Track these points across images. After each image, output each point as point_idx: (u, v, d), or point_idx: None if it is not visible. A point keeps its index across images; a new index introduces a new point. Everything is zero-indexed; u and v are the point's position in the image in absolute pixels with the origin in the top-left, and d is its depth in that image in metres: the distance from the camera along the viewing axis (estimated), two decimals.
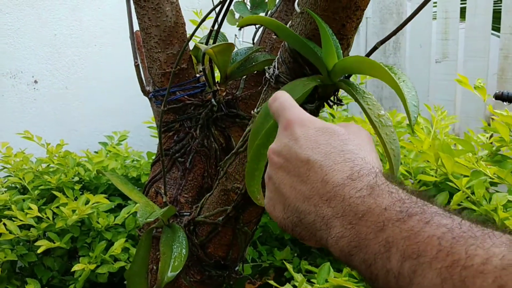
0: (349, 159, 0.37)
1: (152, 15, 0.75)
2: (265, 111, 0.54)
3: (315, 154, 0.38)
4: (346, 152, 0.37)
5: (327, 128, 0.40)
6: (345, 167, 0.36)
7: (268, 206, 0.42)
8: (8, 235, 1.05)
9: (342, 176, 0.35)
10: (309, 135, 0.39)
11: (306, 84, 0.52)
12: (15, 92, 1.57)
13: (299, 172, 0.38)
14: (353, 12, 0.52)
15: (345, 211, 0.34)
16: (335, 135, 0.39)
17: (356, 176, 0.35)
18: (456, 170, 0.77)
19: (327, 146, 0.38)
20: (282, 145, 0.41)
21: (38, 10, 1.58)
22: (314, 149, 0.38)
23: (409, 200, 0.32)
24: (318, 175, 0.37)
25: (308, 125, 0.40)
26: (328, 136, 0.39)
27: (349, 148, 0.38)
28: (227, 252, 0.76)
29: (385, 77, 0.44)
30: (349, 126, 0.42)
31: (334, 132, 0.39)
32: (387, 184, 0.34)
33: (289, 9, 0.79)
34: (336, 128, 0.40)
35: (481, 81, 0.94)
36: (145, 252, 0.74)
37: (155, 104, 0.83)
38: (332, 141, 0.38)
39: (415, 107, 0.45)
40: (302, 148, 0.38)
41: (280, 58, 0.58)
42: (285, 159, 0.40)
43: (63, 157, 1.29)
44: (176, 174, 0.82)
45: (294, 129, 0.40)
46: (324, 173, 0.36)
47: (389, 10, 2.34)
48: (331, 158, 0.37)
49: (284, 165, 0.40)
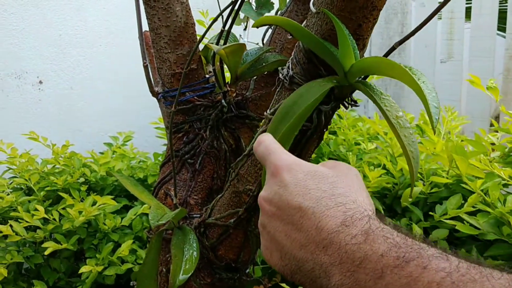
0: (341, 203, 0.37)
1: (162, 15, 0.74)
2: (280, 115, 0.53)
3: (306, 201, 0.38)
4: (337, 196, 0.37)
5: (315, 172, 0.40)
6: (337, 212, 0.36)
7: (265, 254, 0.42)
8: (15, 237, 1.05)
9: (335, 222, 0.36)
10: (298, 181, 0.39)
11: (323, 85, 0.51)
12: (20, 93, 1.56)
13: (293, 220, 0.38)
14: (370, 12, 0.51)
15: (342, 259, 0.34)
16: (324, 179, 0.39)
17: (349, 222, 0.35)
18: (469, 172, 0.76)
19: (317, 191, 0.38)
20: (273, 192, 0.41)
21: (43, 10, 1.57)
22: (305, 195, 0.38)
23: (405, 244, 0.33)
24: (311, 222, 0.37)
25: (296, 169, 0.40)
26: (317, 180, 0.39)
27: (340, 192, 0.38)
28: (238, 255, 0.75)
29: (406, 78, 0.43)
30: (337, 167, 0.42)
31: (322, 175, 0.40)
32: (381, 228, 0.34)
33: (299, 9, 0.78)
34: (324, 171, 0.40)
35: (493, 81, 0.94)
36: (155, 254, 0.74)
37: (164, 105, 0.82)
38: (321, 185, 0.39)
39: (437, 108, 0.44)
40: (292, 195, 0.39)
41: (294, 58, 0.58)
42: (277, 207, 0.40)
43: (69, 158, 1.29)
44: (186, 176, 0.81)
45: (282, 175, 0.40)
46: (318, 220, 0.36)
47: (394, 9, 2.33)
48: (323, 203, 0.37)
49: (277, 213, 0.40)
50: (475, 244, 0.83)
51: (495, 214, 0.75)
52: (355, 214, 0.36)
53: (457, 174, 0.82)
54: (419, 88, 0.41)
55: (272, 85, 0.81)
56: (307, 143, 0.60)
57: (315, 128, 0.58)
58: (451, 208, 0.80)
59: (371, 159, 1.04)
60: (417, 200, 0.92)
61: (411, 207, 0.89)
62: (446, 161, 0.78)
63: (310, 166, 0.41)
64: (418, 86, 0.41)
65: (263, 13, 1.08)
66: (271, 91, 0.81)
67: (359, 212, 0.36)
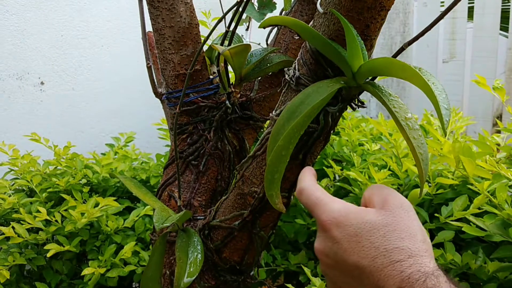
0: (396, 260, 0.37)
1: (166, 16, 0.74)
2: (287, 114, 0.53)
3: (362, 259, 0.39)
4: (391, 252, 0.38)
5: (365, 224, 0.40)
6: (394, 272, 0.37)
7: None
8: (17, 239, 1.04)
9: (393, 282, 0.37)
10: (349, 236, 0.40)
11: (331, 86, 0.50)
12: (22, 94, 1.56)
13: (353, 275, 0.40)
14: (378, 13, 0.51)
15: None
16: (375, 231, 0.39)
17: (406, 284, 0.36)
18: (476, 173, 0.76)
19: (370, 249, 0.39)
20: (327, 248, 0.42)
21: (45, 11, 1.57)
22: (360, 252, 0.39)
23: None
24: (370, 281, 0.38)
25: (344, 223, 0.41)
26: (368, 233, 0.39)
27: (393, 246, 0.38)
28: (242, 257, 0.74)
29: (416, 79, 0.42)
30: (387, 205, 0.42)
31: (373, 227, 0.40)
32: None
33: (304, 10, 0.78)
34: (373, 220, 0.40)
35: (499, 82, 0.93)
36: (159, 257, 0.73)
37: (168, 106, 0.81)
38: (374, 240, 0.39)
39: (447, 110, 0.44)
40: (347, 253, 0.40)
41: (301, 59, 0.57)
42: (334, 261, 0.41)
43: (71, 159, 1.28)
44: (190, 177, 0.81)
45: (332, 231, 0.41)
46: (376, 279, 0.38)
47: (396, 9, 2.33)
48: (378, 262, 0.38)
49: (335, 266, 0.41)
50: (481, 246, 0.83)
51: (502, 215, 0.74)
52: (412, 274, 0.36)
53: (463, 175, 0.81)
54: (430, 90, 0.41)
55: (277, 86, 0.80)
56: (313, 145, 0.59)
57: (321, 129, 0.57)
58: (457, 209, 0.79)
59: (375, 160, 1.03)
60: (422, 201, 0.92)
61: (416, 208, 0.89)
62: (453, 162, 0.77)
63: (358, 218, 0.41)
64: (429, 88, 0.40)
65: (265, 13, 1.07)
66: (275, 92, 0.81)
67: (415, 272, 0.37)
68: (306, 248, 1.07)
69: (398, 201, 0.42)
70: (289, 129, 0.51)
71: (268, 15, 1.04)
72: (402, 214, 0.41)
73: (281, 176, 0.54)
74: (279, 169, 0.54)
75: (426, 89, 0.41)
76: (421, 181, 0.47)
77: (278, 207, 0.57)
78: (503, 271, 0.76)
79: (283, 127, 0.53)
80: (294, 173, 0.63)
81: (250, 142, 0.84)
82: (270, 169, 0.54)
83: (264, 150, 0.63)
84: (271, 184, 0.55)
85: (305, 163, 0.62)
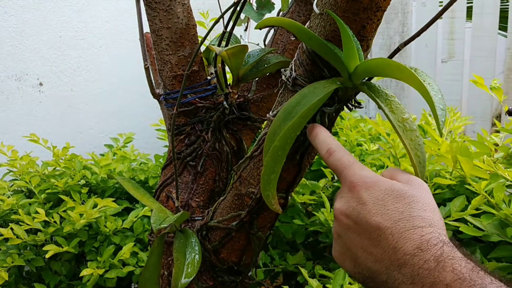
0: (418, 226, 0.40)
1: (164, 17, 0.74)
2: (283, 114, 0.53)
3: (385, 221, 0.40)
4: (414, 218, 0.40)
5: (392, 190, 0.42)
6: (414, 235, 0.39)
7: (337, 258, 0.46)
8: (15, 240, 1.04)
9: (412, 245, 0.39)
10: (376, 200, 0.42)
11: (327, 86, 0.50)
12: (20, 95, 1.56)
13: (370, 236, 0.41)
14: (374, 13, 0.51)
15: (414, 280, 0.38)
16: (402, 198, 0.41)
17: (425, 247, 0.38)
18: (473, 173, 0.76)
19: (395, 212, 0.41)
20: (350, 208, 0.43)
21: (43, 12, 1.57)
22: (383, 215, 0.41)
23: (469, 277, 0.36)
24: (389, 242, 0.40)
25: (374, 187, 0.43)
26: (395, 200, 0.41)
27: (417, 214, 0.40)
28: (240, 258, 0.74)
29: (412, 80, 0.42)
30: (411, 181, 0.44)
31: (399, 194, 0.42)
32: (451, 257, 0.37)
33: (302, 10, 0.78)
34: (401, 188, 0.42)
35: (496, 82, 0.93)
36: (157, 258, 0.73)
37: (166, 107, 0.81)
38: (399, 205, 0.41)
39: (443, 110, 0.44)
40: (371, 214, 0.41)
41: (297, 60, 0.57)
42: (355, 222, 0.43)
43: (70, 160, 1.28)
44: (187, 178, 0.81)
45: (360, 192, 0.43)
46: (395, 240, 0.39)
47: (394, 9, 2.33)
48: (401, 225, 0.40)
49: (354, 227, 0.43)
50: (479, 246, 0.83)
51: (499, 215, 0.74)
52: (431, 239, 0.39)
53: (461, 175, 0.81)
54: (426, 91, 0.41)
55: (274, 86, 0.80)
56: (310, 145, 0.59)
57: None
58: (455, 210, 0.80)
59: (373, 160, 1.03)
60: None
61: None
62: (450, 162, 0.77)
63: (387, 184, 0.43)
64: (425, 89, 0.40)
65: (263, 14, 1.07)
66: (273, 92, 0.81)
67: (435, 238, 0.39)
68: (304, 249, 1.07)
69: (420, 181, 0.45)
70: (285, 129, 0.51)
71: (266, 15, 1.04)
72: (425, 191, 0.43)
73: (277, 177, 0.54)
74: (275, 169, 0.54)
75: (422, 90, 0.41)
76: None
77: (274, 207, 0.57)
78: (501, 271, 0.76)
79: (279, 128, 0.53)
80: (291, 173, 0.63)
81: (248, 143, 0.84)
82: (266, 170, 0.54)
83: (261, 151, 0.63)
84: (267, 185, 0.55)
85: (302, 164, 0.63)
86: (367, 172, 0.45)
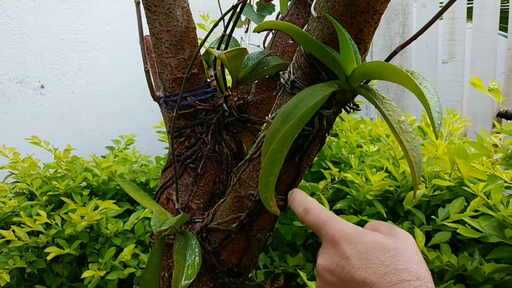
0: (405, 279, 0.38)
1: (163, 20, 0.74)
2: (281, 117, 0.53)
3: (371, 275, 0.39)
4: (401, 271, 0.39)
5: (376, 243, 0.41)
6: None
7: None
8: (17, 242, 1.05)
9: None
10: (360, 253, 0.41)
11: (325, 89, 0.51)
12: (22, 97, 1.57)
13: None
14: (371, 16, 0.51)
15: None
16: (386, 251, 0.40)
17: None
18: (471, 174, 0.76)
19: (381, 266, 0.39)
20: (334, 264, 0.42)
21: (45, 15, 1.58)
22: (368, 269, 0.39)
23: None
24: None
25: (356, 240, 0.41)
26: (379, 253, 0.40)
27: (403, 267, 0.39)
28: (240, 259, 0.75)
29: (408, 83, 0.43)
30: (394, 233, 0.43)
31: (384, 247, 0.41)
32: None
33: (300, 13, 0.78)
34: (384, 241, 0.41)
35: (495, 83, 0.93)
36: (157, 260, 0.74)
37: (166, 109, 0.82)
38: (384, 259, 0.40)
39: (439, 113, 0.44)
40: (355, 268, 0.40)
41: (295, 63, 0.57)
42: (339, 278, 0.41)
43: (71, 162, 1.29)
44: (188, 180, 0.81)
45: (343, 246, 0.42)
46: None
47: (395, 10, 2.33)
48: (387, 279, 0.39)
49: (338, 284, 0.41)
50: (477, 247, 0.83)
51: (497, 217, 0.74)
52: None
53: (460, 176, 0.81)
54: (421, 93, 0.41)
55: (274, 88, 0.81)
56: (309, 148, 0.60)
57: (316, 132, 0.57)
58: (454, 211, 0.80)
59: (373, 162, 1.03)
60: (419, 203, 0.92)
61: (413, 210, 0.89)
62: (448, 164, 0.77)
63: (370, 236, 0.42)
64: (420, 91, 0.40)
65: (264, 16, 1.08)
66: (272, 95, 0.81)
67: None
68: (304, 250, 1.08)
69: (404, 232, 0.44)
70: (283, 132, 0.51)
71: (267, 18, 1.04)
72: (410, 243, 0.42)
73: (275, 179, 0.55)
74: (273, 172, 0.54)
75: (418, 92, 0.42)
76: (415, 184, 0.47)
77: (272, 209, 0.57)
78: (499, 272, 0.76)
79: (277, 130, 0.53)
80: (290, 175, 0.64)
81: (248, 145, 0.84)
82: (264, 172, 0.54)
83: (261, 153, 0.63)
84: (266, 187, 0.56)
85: (301, 166, 0.63)
86: (348, 225, 0.44)
